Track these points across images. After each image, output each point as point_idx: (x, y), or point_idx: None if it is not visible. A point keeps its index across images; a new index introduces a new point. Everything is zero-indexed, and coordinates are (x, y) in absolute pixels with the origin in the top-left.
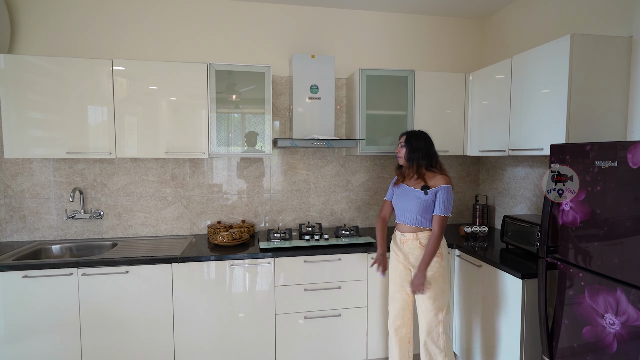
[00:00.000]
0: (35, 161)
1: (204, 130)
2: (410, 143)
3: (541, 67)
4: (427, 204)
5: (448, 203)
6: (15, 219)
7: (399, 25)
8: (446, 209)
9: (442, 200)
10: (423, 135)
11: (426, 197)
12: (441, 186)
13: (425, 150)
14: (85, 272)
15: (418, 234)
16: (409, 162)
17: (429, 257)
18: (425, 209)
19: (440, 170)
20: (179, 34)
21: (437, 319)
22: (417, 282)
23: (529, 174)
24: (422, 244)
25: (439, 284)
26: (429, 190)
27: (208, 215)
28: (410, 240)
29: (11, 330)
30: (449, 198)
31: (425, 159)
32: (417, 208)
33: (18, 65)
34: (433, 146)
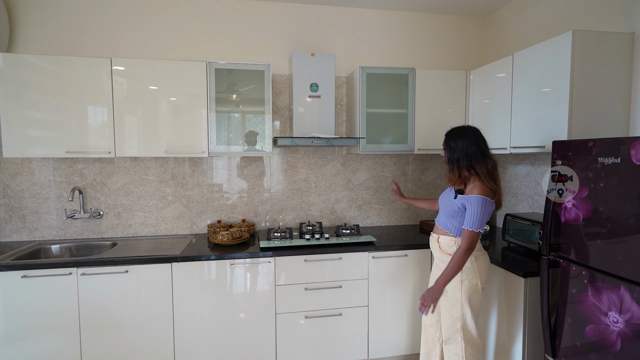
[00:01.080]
0: (35, 161)
1: (204, 129)
2: (448, 144)
3: (543, 63)
4: (454, 208)
5: (479, 216)
6: (14, 219)
7: (399, 23)
8: (475, 222)
9: (471, 212)
10: (464, 131)
11: (454, 201)
12: (472, 196)
13: (465, 150)
14: (85, 271)
15: (441, 237)
16: (450, 164)
17: (450, 273)
18: (452, 213)
19: (484, 177)
20: (178, 33)
21: (454, 327)
22: (427, 294)
23: (531, 172)
24: (442, 248)
25: (454, 294)
26: (460, 196)
27: (208, 215)
28: (434, 241)
29: (10, 331)
30: (480, 211)
31: (465, 160)
32: (445, 209)
33: (17, 64)
34: (480, 144)
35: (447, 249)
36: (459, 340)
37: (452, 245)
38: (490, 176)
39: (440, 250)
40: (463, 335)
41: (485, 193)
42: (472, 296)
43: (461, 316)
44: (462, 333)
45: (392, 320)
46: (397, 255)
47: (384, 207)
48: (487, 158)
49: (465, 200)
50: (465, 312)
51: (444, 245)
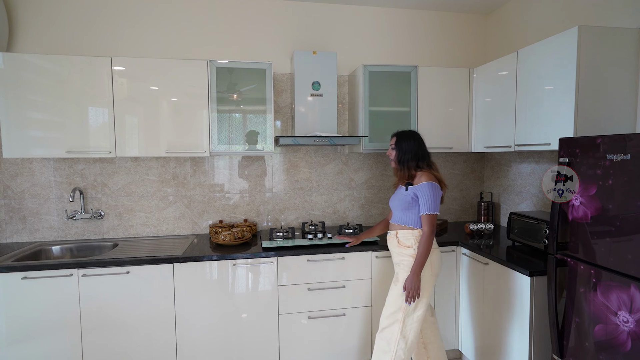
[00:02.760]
0: (35, 161)
1: (205, 129)
2: (400, 145)
3: (548, 60)
4: (407, 199)
5: (432, 199)
6: (15, 220)
7: (401, 21)
8: (430, 205)
9: (424, 198)
10: (413, 135)
11: (406, 193)
12: (421, 183)
13: (415, 151)
14: (86, 272)
15: (398, 231)
16: (400, 165)
17: (421, 259)
18: (406, 206)
19: (428, 169)
20: (179, 32)
21: (394, 317)
22: (408, 285)
23: (535, 170)
24: (400, 242)
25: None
26: (411, 187)
27: (210, 215)
28: (392, 237)
29: (12, 332)
30: (432, 195)
31: (414, 160)
32: (398, 205)
33: (17, 64)
34: (423, 146)
35: (406, 241)
36: (395, 331)
37: (410, 237)
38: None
39: (399, 245)
40: (402, 328)
41: (432, 179)
42: (424, 289)
43: (405, 307)
44: (401, 324)
45: None
46: None
47: (386, 207)
48: (431, 160)
49: (416, 189)
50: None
51: (403, 239)
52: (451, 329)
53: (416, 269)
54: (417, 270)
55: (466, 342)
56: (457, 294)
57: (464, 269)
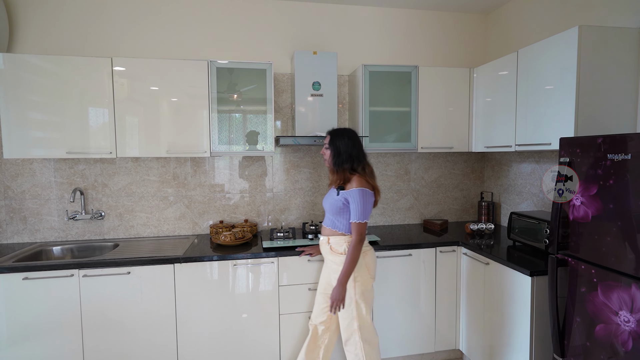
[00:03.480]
0: (36, 162)
1: (206, 129)
2: (335, 144)
3: (548, 60)
4: (339, 204)
5: (362, 207)
6: (15, 221)
7: (401, 21)
8: (360, 213)
9: (355, 205)
10: (349, 134)
11: (337, 198)
12: (352, 190)
13: (349, 152)
14: (87, 273)
15: (331, 237)
16: (334, 166)
17: (349, 267)
18: (338, 210)
19: (362, 173)
20: (180, 32)
21: (351, 327)
22: (334, 296)
23: (536, 169)
24: (333, 249)
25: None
26: (342, 192)
27: (210, 215)
28: (324, 243)
29: (12, 333)
30: (362, 202)
31: (349, 162)
32: (330, 208)
33: (17, 64)
34: (358, 146)
35: (338, 248)
36: (357, 340)
37: (342, 243)
38: (372, 176)
39: (332, 252)
40: (361, 334)
41: (363, 185)
42: (366, 292)
43: (357, 315)
44: (359, 332)
45: (396, 320)
46: (402, 255)
47: (387, 207)
48: (367, 161)
49: (347, 195)
50: (360, 310)
51: (335, 246)
52: (452, 329)
53: (342, 279)
54: (343, 281)
55: (467, 342)
56: (458, 294)
57: (464, 269)
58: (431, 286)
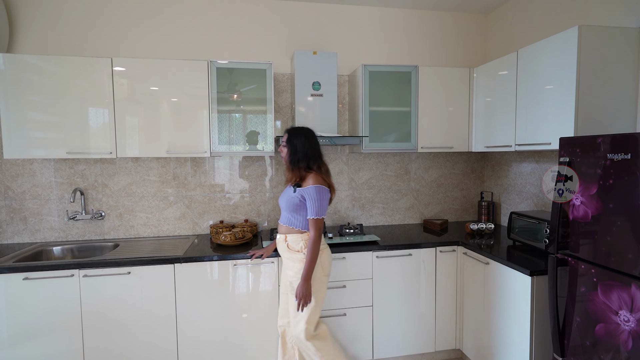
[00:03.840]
0: (36, 162)
1: (206, 129)
2: (292, 143)
3: (548, 59)
4: (295, 201)
5: (319, 203)
6: (16, 221)
7: (401, 21)
8: (317, 210)
9: (311, 202)
10: (306, 133)
11: (294, 195)
12: (309, 187)
13: (306, 151)
14: (87, 273)
15: (287, 235)
16: (291, 164)
17: (310, 265)
18: (295, 207)
19: (318, 171)
20: (180, 32)
21: (299, 326)
22: (299, 293)
23: (535, 169)
24: (290, 247)
25: None
26: (299, 189)
27: (210, 215)
28: (282, 241)
29: (13, 333)
30: (318, 198)
31: (305, 161)
32: (286, 206)
33: (17, 64)
34: (315, 145)
35: (295, 245)
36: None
37: (299, 241)
38: (327, 175)
39: (289, 250)
40: (305, 334)
41: (320, 182)
42: (319, 290)
43: (306, 314)
44: (305, 333)
45: (396, 320)
46: (402, 255)
47: (387, 206)
48: (323, 160)
49: (304, 192)
50: (310, 309)
51: (292, 243)
52: (452, 329)
53: (306, 275)
54: (307, 277)
55: (467, 342)
56: (458, 293)
57: (464, 269)
58: (431, 286)
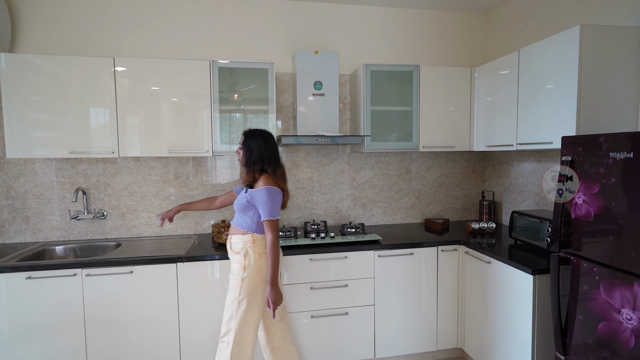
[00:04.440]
0: (38, 162)
1: (208, 129)
2: (248, 145)
3: (550, 59)
4: (242, 202)
5: (271, 204)
6: (18, 220)
7: (403, 20)
8: (270, 211)
9: (263, 203)
10: (262, 135)
11: (244, 195)
12: (260, 188)
13: (261, 154)
14: (90, 272)
15: (232, 236)
16: (246, 166)
17: (274, 267)
18: (243, 208)
19: (272, 174)
20: (181, 32)
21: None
22: (269, 298)
23: (537, 168)
24: (232, 248)
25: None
26: (250, 190)
27: (212, 214)
28: (228, 241)
29: (16, 332)
30: (270, 199)
31: (260, 163)
32: (236, 206)
33: (19, 64)
34: (271, 148)
35: (236, 247)
36: (230, 339)
37: (240, 242)
38: (282, 179)
39: (232, 251)
40: (235, 336)
41: (270, 184)
42: (252, 296)
43: (236, 314)
44: (234, 332)
45: (398, 319)
46: (403, 254)
47: (388, 206)
48: (279, 163)
49: (253, 194)
50: (240, 312)
51: (234, 245)
52: (453, 328)
53: (272, 279)
54: (274, 280)
55: (469, 341)
56: (460, 292)
57: (466, 268)
58: (433, 285)
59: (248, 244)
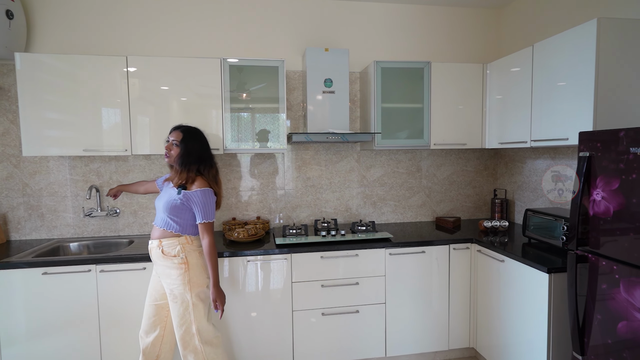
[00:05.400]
0: (52, 160)
1: (219, 127)
2: (186, 144)
3: (566, 53)
4: (176, 203)
5: (209, 206)
6: (33, 217)
7: (413, 17)
8: (207, 213)
9: (201, 206)
10: (200, 135)
11: (176, 196)
12: (197, 190)
13: (199, 154)
14: (104, 268)
15: (162, 240)
16: (182, 166)
17: (214, 269)
18: (175, 210)
19: (210, 180)
20: (192, 31)
21: (189, 333)
22: (214, 300)
23: (551, 166)
24: (165, 252)
25: (184, 297)
26: (184, 192)
27: (222, 212)
28: (155, 247)
29: (32, 326)
30: (206, 202)
31: (196, 164)
32: (165, 206)
33: (33, 64)
34: (208, 148)
35: (170, 250)
36: (197, 345)
37: (175, 245)
38: (214, 180)
39: (164, 256)
40: (200, 337)
41: (206, 186)
42: (201, 292)
43: (195, 318)
44: (198, 336)
45: (409, 317)
46: (415, 252)
47: (398, 204)
48: (213, 163)
49: (190, 196)
50: (197, 312)
51: (168, 248)
52: (466, 327)
53: (214, 281)
54: (215, 282)
55: (482, 341)
56: (472, 291)
57: (478, 266)
58: (444, 283)
59: (187, 245)
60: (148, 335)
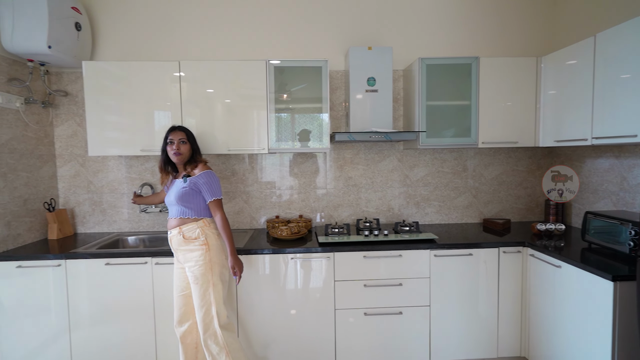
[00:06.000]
0: (112, 159)
1: (264, 127)
2: (191, 140)
3: (632, 43)
4: (185, 191)
5: (216, 185)
6: (96, 212)
7: (459, 9)
8: (216, 190)
9: (208, 186)
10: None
11: (185, 185)
12: (201, 173)
13: (197, 147)
14: (158, 261)
15: (182, 227)
16: (189, 159)
17: (230, 241)
18: (187, 197)
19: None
20: (238, 34)
21: (209, 315)
22: (232, 267)
23: (615, 165)
24: (186, 237)
25: (206, 277)
26: (190, 179)
27: (266, 210)
28: (176, 235)
29: (95, 312)
30: (209, 182)
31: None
32: (177, 198)
33: (97, 71)
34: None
35: (191, 234)
36: (216, 329)
37: (195, 229)
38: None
39: (185, 240)
40: (219, 320)
41: (207, 169)
42: (223, 272)
43: (214, 299)
44: (217, 318)
45: (455, 321)
46: (461, 254)
47: (443, 205)
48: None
49: (197, 180)
50: (217, 294)
51: (188, 233)
52: (516, 335)
53: (232, 250)
54: (233, 251)
55: (534, 350)
56: (524, 297)
57: (531, 272)
58: (493, 288)
59: (205, 228)
60: (182, 325)
